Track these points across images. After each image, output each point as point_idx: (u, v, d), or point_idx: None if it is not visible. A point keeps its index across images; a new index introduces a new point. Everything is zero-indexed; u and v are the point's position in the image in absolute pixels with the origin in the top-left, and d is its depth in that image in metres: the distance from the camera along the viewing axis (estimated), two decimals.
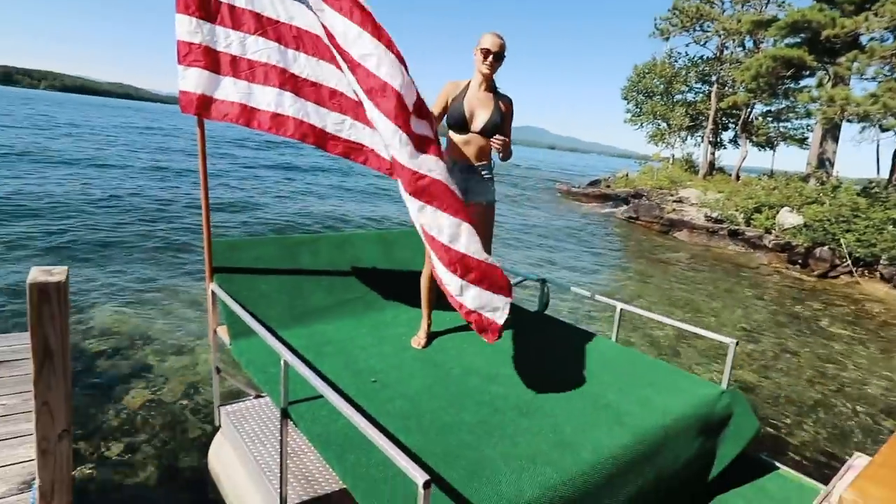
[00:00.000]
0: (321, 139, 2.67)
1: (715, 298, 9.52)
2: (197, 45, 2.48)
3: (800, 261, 13.34)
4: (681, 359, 6.16)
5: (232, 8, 2.54)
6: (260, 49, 2.59)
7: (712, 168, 28.06)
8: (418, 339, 2.85)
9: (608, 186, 25.87)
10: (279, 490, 2.12)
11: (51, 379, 1.66)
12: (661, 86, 27.50)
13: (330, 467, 1.86)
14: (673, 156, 29.50)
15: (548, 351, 2.97)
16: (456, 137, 2.82)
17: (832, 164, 17.99)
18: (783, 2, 23.12)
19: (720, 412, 2.60)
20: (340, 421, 1.92)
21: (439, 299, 2.70)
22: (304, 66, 2.63)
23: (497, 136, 2.74)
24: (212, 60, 2.51)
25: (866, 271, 12.15)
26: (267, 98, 2.59)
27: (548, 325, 3.39)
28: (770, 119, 25.55)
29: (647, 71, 27.85)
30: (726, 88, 25.56)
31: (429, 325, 2.91)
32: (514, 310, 3.52)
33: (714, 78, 26.33)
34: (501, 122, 2.81)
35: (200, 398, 4.26)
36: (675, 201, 18.75)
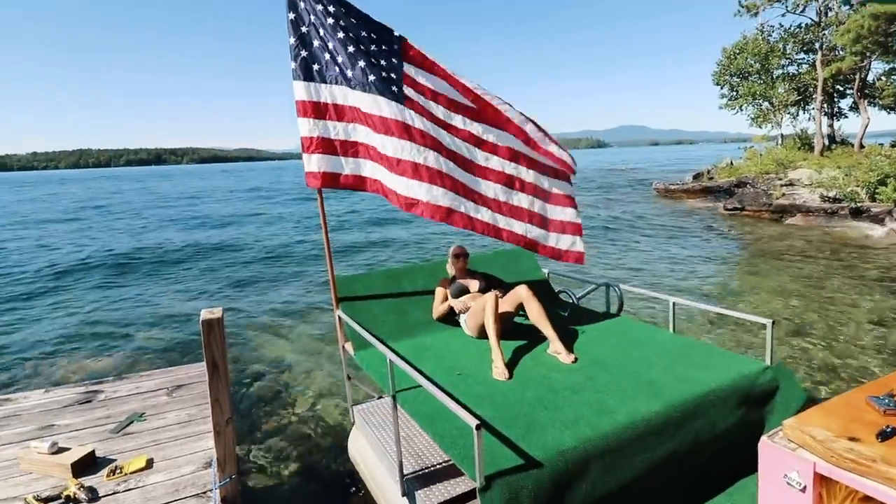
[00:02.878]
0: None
1: (831, 289, 8.96)
2: (315, 138, 3.44)
3: None
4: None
5: (336, 106, 3.48)
6: (358, 133, 3.51)
7: (833, 141, 25.43)
8: (501, 372, 3.03)
9: (711, 178, 24.45)
10: (398, 463, 2.82)
11: (218, 383, 2.56)
12: (756, 64, 25.63)
13: (430, 437, 2.52)
14: (782, 135, 27.17)
15: (606, 343, 3.46)
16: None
17: None
18: None
19: (763, 386, 2.92)
20: (432, 401, 2.55)
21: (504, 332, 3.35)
22: (387, 144, 3.43)
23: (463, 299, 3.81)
24: (327, 146, 3.47)
25: None
26: (368, 168, 3.50)
27: (611, 323, 3.88)
28: None
29: (737, 51, 26.14)
30: (835, 52, 23.28)
31: (503, 356, 3.15)
32: (585, 312, 4.15)
33: (818, 45, 24.10)
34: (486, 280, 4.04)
35: (338, 400, 5.28)
36: (783, 185, 17.43)
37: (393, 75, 3.41)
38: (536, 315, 3.43)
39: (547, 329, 3.36)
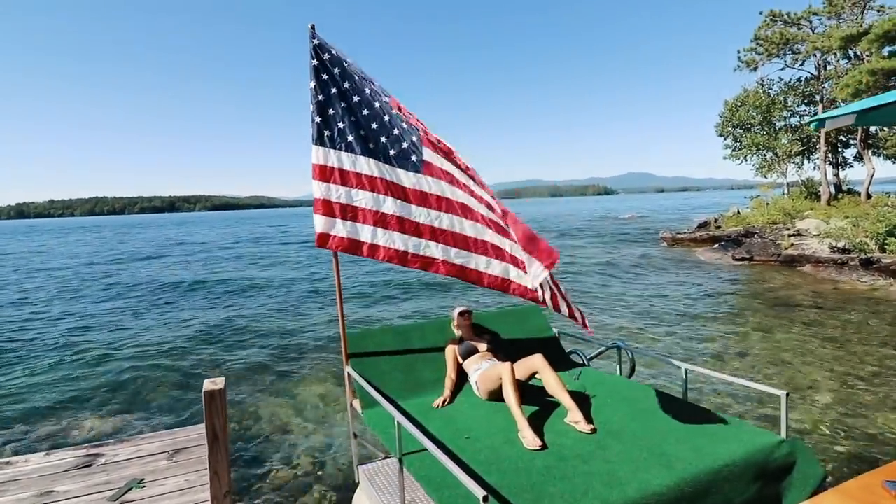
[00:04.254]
0: (403, 259, 3.60)
1: (834, 342, 8.79)
2: (323, 200, 3.56)
3: None
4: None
5: (342, 171, 3.61)
6: (360, 198, 3.61)
7: (839, 190, 25.55)
8: (532, 441, 2.93)
9: (718, 227, 24.53)
10: None
11: (218, 455, 2.53)
12: (759, 116, 26.19)
13: (433, 501, 2.47)
14: (787, 184, 27.38)
15: (617, 410, 3.39)
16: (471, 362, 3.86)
17: None
18: (882, 7, 21.53)
19: (779, 461, 2.82)
20: (439, 465, 2.51)
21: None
22: (390, 206, 3.58)
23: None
24: (330, 208, 3.57)
25: None
26: (366, 233, 3.59)
27: (622, 388, 3.79)
28: None
29: (739, 104, 26.80)
30: (836, 104, 23.77)
31: (529, 424, 3.06)
32: (596, 376, 4.08)
33: (819, 97, 24.65)
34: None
35: (342, 459, 5.18)
36: (791, 235, 17.41)
37: (412, 144, 3.58)
38: (554, 386, 3.38)
39: (565, 399, 3.30)
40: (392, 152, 3.57)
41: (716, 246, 21.24)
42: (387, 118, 3.61)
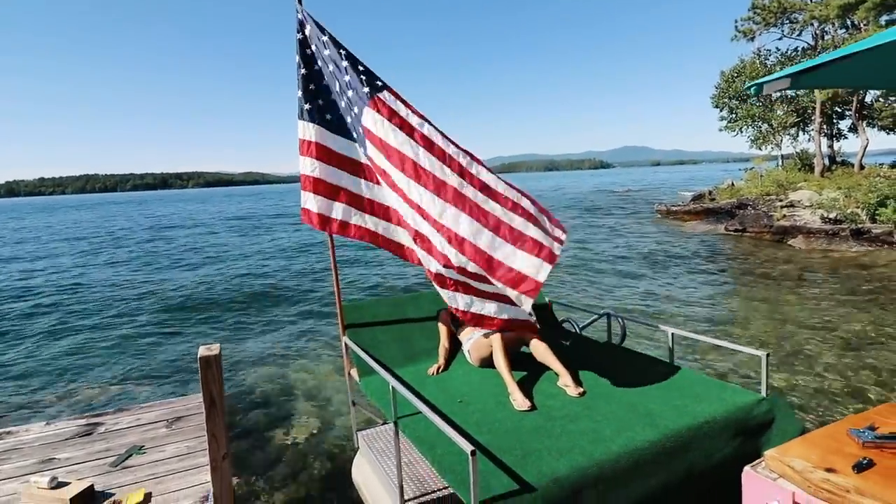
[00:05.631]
0: (374, 239, 3.68)
1: (827, 310, 8.95)
2: (310, 177, 3.56)
3: None
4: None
5: (321, 146, 3.59)
6: (346, 180, 3.63)
7: (833, 162, 25.56)
8: (522, 402, 3.04)
9: (712, 199, 24.55)
10: (399, 488, 2.86)
11: (215, 418, 2.61)
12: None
13: (429, 463, 2.57)
14: (782, 156, 27.36)
15: (605, 373, 3.49)
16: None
17: None
18: None
19: (759, 417, 2.93)
20: (432, 427, 2.60)
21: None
22: (374, 192, 3.61)
23: None
24: (311, 184, 3.58)
25: None
26: (338, 210, 3.61)
27: (612, 353, 3.91)
28: (894, 97, 22.93)
29: (736, 74, 26.55)
30: None
31: (518, 387, 3.17)
32: (587, 342, 4.20)
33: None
34: None
35: (340, 427, 5.32)
36: (784, 206, 17.49)
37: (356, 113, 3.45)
38: (544, 353, 3.47)
39: (555, 364, 3.40)
40: (348, 120, 3.55)
41: (710, 218, 21.33)
42: (347, 83, 3.51)
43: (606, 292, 11.04)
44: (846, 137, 27.06)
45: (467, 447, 2.07)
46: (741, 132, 27.48)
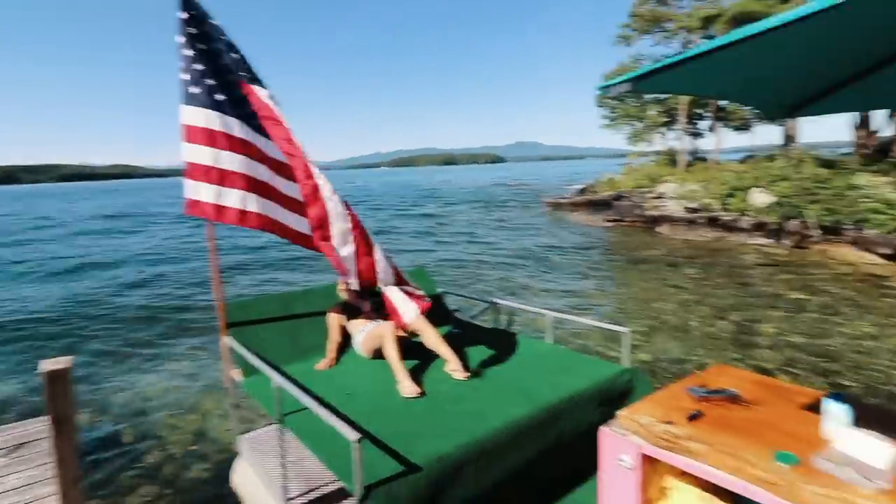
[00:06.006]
0: (272, 227, 3.43)
1: (686, 289, 10.06)
2: (199, 165, 3.27)
3: (773, 237, 13.84)
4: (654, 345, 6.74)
5: (209, 131, 3.31)
6: (229, 161, 3.36)
7: (695, 158, 28.69)
8: (412, 389, 3.10)
9: (594, 192, 26.52)
10: (283, 487, 2.79)
11: (65, 439, 2.35)
12: None
13: (317, 457, 2.52)
14: (654, 153, 30.19)
15: (492, 357, 3.67)
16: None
17: (793, 140, 18.69)
18: None
19: (621, 386, 3.28)
20: (320, 422, 2.53)
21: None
22: (259, 171, 3.40)
23: None
24: (198, 172, 3.29)
25: (833, 237, 12.61)
26: (233, 198, 3.35)
27: (497, 338, 4.08)
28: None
29: (615, 77, 28.74)
30: None
31: (409, 375, 3.23)
32: (475, 329, 4.35)
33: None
34: None
35: (217, 434, 4.99)
36: (654, 198, 19.32)
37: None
38: (434, 341, 3.55)
39: (444, 351, 3.49)
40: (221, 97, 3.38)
41: (591, 209, 23.01)
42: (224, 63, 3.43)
43: (494, 281, 11.52)
44: (704, 136, 30.54)
45: (352, 435, 2.09)
46: (619, 130, 29.91)
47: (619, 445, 1.99)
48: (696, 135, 30.01)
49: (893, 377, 5.79)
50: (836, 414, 1.76)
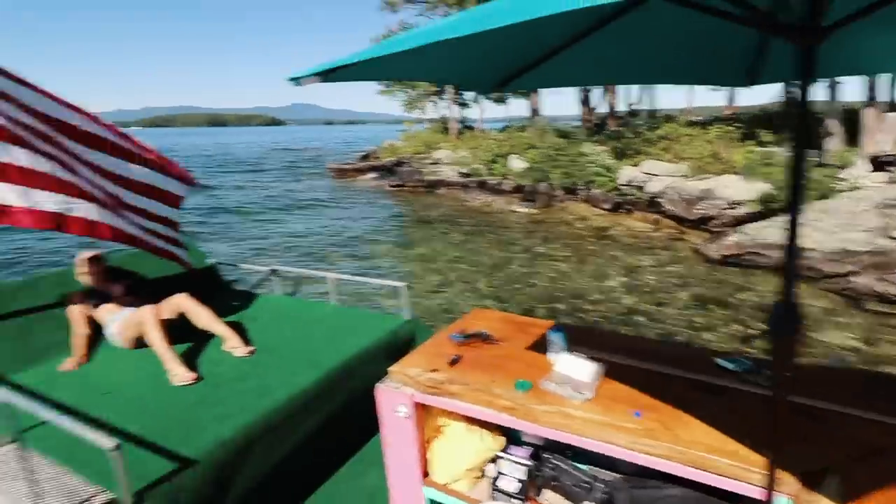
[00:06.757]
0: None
1: (457, 244, 11.14)
2: None
3: (528, 198, 16.15)
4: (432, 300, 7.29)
5: None
6: None
7: (465, 127, 31.35)
8: (185, 376, 2.83)
9: (377, 158, 27.08)
10: None
11: None
12: None
13: (75, 474, 2.16)
14: (428, 120, 32.01)
15: (275, 327, 3.49)
16: None
17: (537, 113, 21.96)
18: None
19: (403, 337, 3.44)
20: (68, 434, 2.13)
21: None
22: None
23: None
24: None
25: (571, 197, 15.32)
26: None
27: (281, 307, 3.91)
28: None
29: None
30: None
31: (179, 361, 2.93)
32: (257, 300, 4.06)
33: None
34: None
35: None
36: (431, 164, 20.65)
37: None
38: (206, 320, 3.27)
39: (220, 329, 3.25)
40: None
41: (375, 175, 23.52)
42: None
43: (276, 247, 11.11)
44: (469, 106, 33.51)
45: (108, 443, 1.85)
46: (394, 96, 30.83)
47: (395, 398, 2.16)
48: (463, 104, 32.76)
49: (602, 302, 7.40)
50: (555, 342, 2.19)
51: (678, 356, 2.17)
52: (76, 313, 3.30)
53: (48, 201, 2.75)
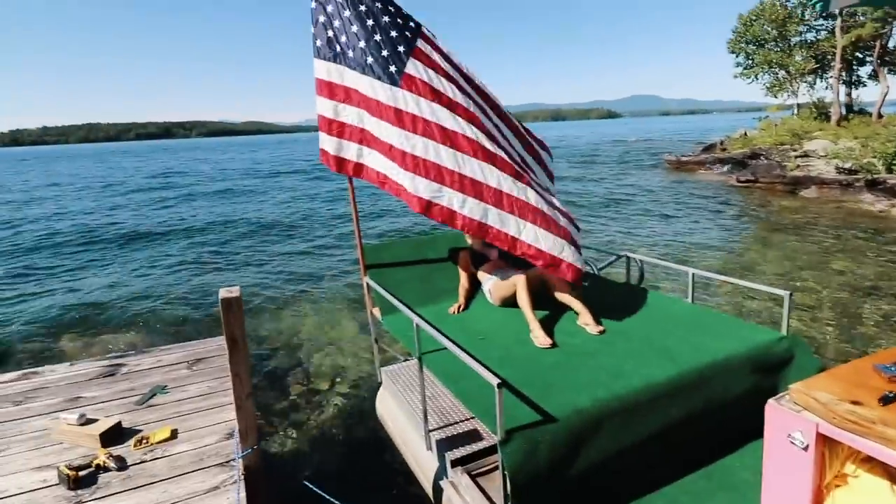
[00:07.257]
0: (383, 183, 3.43)
1: (842, 262, 8.89)
2: (326, 118, 3.48)
3: None
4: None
5: (333, 84, 3.49)
6: (347, 113, 3.51)
7: (850, 111, 24.80)
8: (543, 340, 3.06)
9: (724, 149, 24.06)
10: (424, 420, 2.97)
11: (238, 358, 2.65)
12: (773, 31, 24.91)
13: (454, 396, 2.63)
14: (798, 105, 26.56)
15: (625, 312, 3.52)
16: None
17: None
18: None
19: (778, 354, 2.97)
20: (456, 362, 2.62)
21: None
22: (386, 132, 3.33)
23: None
24: (326, 125, 3.50)
25: None
26: (351, 150, 3.52)
27: (630, 293, 3.91)
28: None
29: (754, 18, 25.41)
30: (855, 18, 22.53)
31: (540, 325, 3.21)
32: (606, 283, 4.22)
33: (838, 9, 23.31)
34: None
35: (362, 365, 5.51)
36: (798, 156, 17.13)
37: (398, 52, 3.37)
38: (564, 294, 3.49)
39: (575, 304, 3.42)
40: (369, 60, 3.36)
41: (720, 168, 20.98)
42: (370, 22, 3.41)
43: (624, 236, 11.04)
44: (865, 85, 26.18)
45: (493, 380, 2.11)
46: (757, 79, 26.60)
47: (791, 422, 1.81)
48: (855, 83, 25.86)
49: None
50: None
51: None
52: (464, 267, 3.94)
53: (425, 189, 3.16)
